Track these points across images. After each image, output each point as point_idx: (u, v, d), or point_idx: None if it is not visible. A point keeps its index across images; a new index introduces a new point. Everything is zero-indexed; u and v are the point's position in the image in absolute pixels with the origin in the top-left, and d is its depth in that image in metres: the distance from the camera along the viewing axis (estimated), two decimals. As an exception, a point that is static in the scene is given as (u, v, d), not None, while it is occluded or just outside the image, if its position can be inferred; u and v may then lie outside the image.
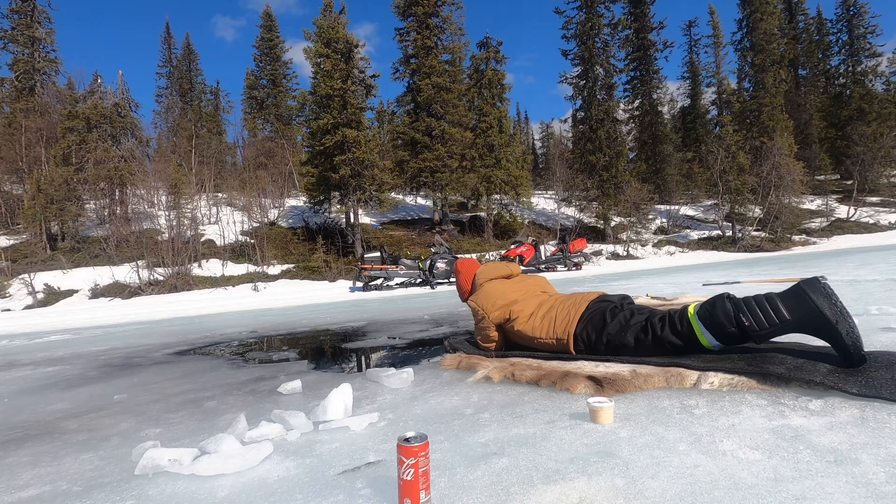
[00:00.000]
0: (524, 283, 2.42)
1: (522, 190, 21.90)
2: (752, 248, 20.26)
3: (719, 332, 1.72)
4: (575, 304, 2.14)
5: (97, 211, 18.13)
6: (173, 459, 1.31)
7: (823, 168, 31.58)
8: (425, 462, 0.99)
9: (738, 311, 1.67)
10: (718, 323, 1.70)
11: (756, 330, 1.63)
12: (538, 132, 52.52)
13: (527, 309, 2.24)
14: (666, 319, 1.86)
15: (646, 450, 1.19)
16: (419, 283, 11.99)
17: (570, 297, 2.24)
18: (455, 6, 21.34)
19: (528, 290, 2.36)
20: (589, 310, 2.09)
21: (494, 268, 2.51)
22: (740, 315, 1.65)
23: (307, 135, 20.90)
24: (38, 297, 12.40)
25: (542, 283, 2.50)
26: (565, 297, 2.25)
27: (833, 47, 34.52)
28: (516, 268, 2.56)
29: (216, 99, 35.63)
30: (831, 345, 1.55)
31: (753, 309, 1.64)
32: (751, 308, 1.64)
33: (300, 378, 2.30)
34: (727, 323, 1.68)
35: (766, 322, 1.61)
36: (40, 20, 24.37)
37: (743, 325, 1.64)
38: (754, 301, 1.66)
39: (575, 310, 2.11)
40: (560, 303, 2.20)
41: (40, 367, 3.62)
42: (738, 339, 1.71)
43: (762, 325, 1.61)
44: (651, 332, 1.88)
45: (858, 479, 0.97)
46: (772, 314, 1.60)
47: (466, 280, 2.56)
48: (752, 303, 1.66)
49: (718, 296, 1.77)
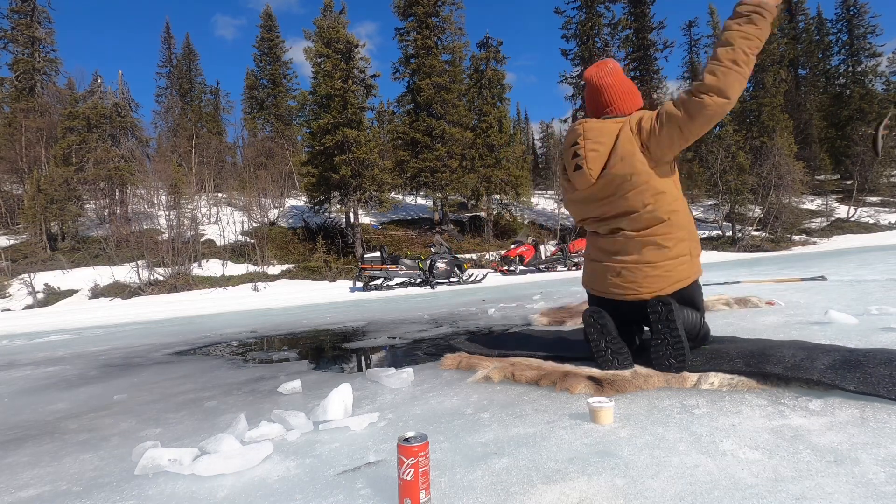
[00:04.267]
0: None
1: (522, 190, 21.91)
2: (752, 248, 20.25)
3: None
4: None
5: (97, 211, 18.13)
6: (173, 459, 1.31)
7: (823, 168, 31.58)
8: (425, 462, 0.99)
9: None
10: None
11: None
12: (538, 132, 52.44)
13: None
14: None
15: (646, 450, 1.19)
16: (419, 283, 11.99)
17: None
18: (455, 6, 21.36)
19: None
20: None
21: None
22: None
23: (307, 135, 20.91)
24: (38, 297, 12.40)
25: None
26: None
27: (833, 47, 34.53)
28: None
29: (216, 99, 35.64)
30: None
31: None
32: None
33: (300, 378, 2.30)
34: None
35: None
36: (40, 20, 24.40)
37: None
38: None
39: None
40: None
41: (40, 367, 3.62)
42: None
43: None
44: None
45: (858, 479, 0.97)
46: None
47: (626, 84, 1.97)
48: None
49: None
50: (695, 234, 1.93)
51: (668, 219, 1.83)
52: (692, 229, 1.91)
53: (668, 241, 1.83)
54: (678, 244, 1.85)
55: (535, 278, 12.26)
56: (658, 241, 1.83)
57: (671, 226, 1.83)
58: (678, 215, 1.85)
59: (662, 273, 1.83)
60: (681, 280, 1.86)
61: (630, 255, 1.88)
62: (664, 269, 1.84)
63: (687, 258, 1.88)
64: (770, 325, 2.75)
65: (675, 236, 1.84)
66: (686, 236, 1.87)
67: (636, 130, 1.80)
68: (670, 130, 1.72)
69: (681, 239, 1.85)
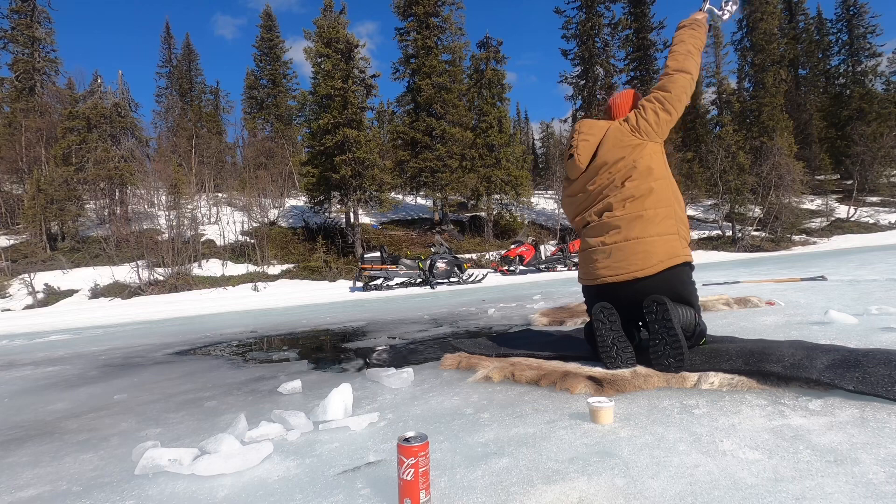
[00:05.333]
0: None
1: (522, 190, 21.89)
2: (752, 248, 20.26)
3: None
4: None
5: (97, 211, 18.12)
6: (173, 459, 1.31)
7: (823, 168, 31.58)
8: (425, 462, 0.99)
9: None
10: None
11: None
12: (538, 132, 52.44)
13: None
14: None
15: (646, 450, 1.19)
16: (419, 283, 11.99)
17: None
18: (455, 6, 21.34)
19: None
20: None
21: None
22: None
23: (307, 135, 20.90)
24: (38, 297, 12.40)
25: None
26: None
27: (833, 47, 34.54)
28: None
29: (216, 99, 35.64)
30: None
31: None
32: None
33: (300, 378, 2.30)
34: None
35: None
36: (40, 20, 24.38)
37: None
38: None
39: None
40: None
41: (40, 367, 3.62)
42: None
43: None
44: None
45: (858, 479, 0.97)
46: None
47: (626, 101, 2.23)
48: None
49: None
50: (682, 217, 2.00)
51: (653, 188, 1.92)
52: (679, 211, 1.99)
53: (652, 214, 1.90)
54: (664, 220, 1.92)
55: (535, 278, 12.26)
56: (643, 214, 1.91)
57: (656, 197, 1.92)
58: (663, 186, 1.95)
59: (649, 248, 1.88)
60: (669, 258, 1.88)
61: (619, 233, 1.94)
62: (650, 244, 1.88)
63: (675, 237, 1.92)
64: (770, 325, 2.75)
65: (660, 211, 1.92)
66: (671, 214, 1.94)
67: (623, 122, 2.05)
68: (654, 106, 2.00)
69: (666, 216, 1.92)
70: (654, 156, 1.97)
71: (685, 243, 1.97)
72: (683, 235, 1.97)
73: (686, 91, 2.01)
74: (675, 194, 2.00)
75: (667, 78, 2.02)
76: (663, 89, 2.00)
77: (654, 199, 1.92)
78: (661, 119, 1.98)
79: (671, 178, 2.02)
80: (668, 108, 1.98)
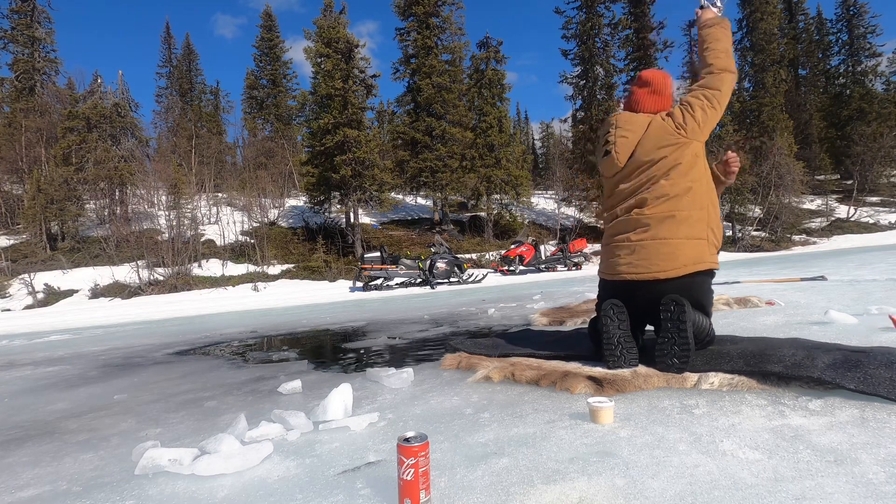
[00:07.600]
0: None
1: (522, 190, 21.90)
2: (752, 248, 20.27)
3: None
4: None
5: (97, 211, 18.11)
6: (173, 459, 1.31)
7: (823, 168, 31.59)
8: (425, 462, 0.99)
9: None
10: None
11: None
12: (538, 132, 52.47)
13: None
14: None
15: (646, 450, 1.19)
16: (419, 283, 11.99)
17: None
18: (455, 6, 21.36)
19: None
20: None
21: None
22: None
23: (307, 135, 20.89)
24: (38, 297, 12.39)
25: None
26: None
27: (833, 47, 34.58)
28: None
29: (216, 99, 35.65)
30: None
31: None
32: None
33: (300, 378, 2.30)
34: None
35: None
36: (40, 20, 24.39)
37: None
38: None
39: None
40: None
41: (40, 367, 3.62)
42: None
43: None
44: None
45: (858, 479, 0.97)
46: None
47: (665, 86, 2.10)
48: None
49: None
50: (717, 222, 1.92)
51: (691, 187, 1.85)
52: (714, 216, 1.91)
53: (685, 216, 1.83)
54: (696, 224, 1.85)
55: (535, 278, 12.26)
56: (676, 215, 1.84)
57: (691, 198, 1.85)
58: (701, 188, 1.87)
59: (675, 250, 1.82)
60: (694, 263, 1.82)
61: (647, 231, 1.88)
62: (677, 246, 1.82)
63: (704, 243, 1.86)
64: (770, 325, 2.75)
65: (693, 213, 1.85)
66: (704, 218, 1.87)
67: (666, 117, 1.94)
68: (703, 104, 1.90)
69: (699, 219, 1.85)
70: (697, 156, 1.89)
71: (714, 250, 1.91)
72: (713, 242, 1.91)
73: (730, 91, 1.95)
74: (712, 198, 1.92)
75: (713, 76, 1.93)
76: (711, 87, 1.92)
77: (690, 199, 1.85)
78: (709, 117, 1.90)
79: (710, 179, 1.95)
80: (715, 106, 1.91)
